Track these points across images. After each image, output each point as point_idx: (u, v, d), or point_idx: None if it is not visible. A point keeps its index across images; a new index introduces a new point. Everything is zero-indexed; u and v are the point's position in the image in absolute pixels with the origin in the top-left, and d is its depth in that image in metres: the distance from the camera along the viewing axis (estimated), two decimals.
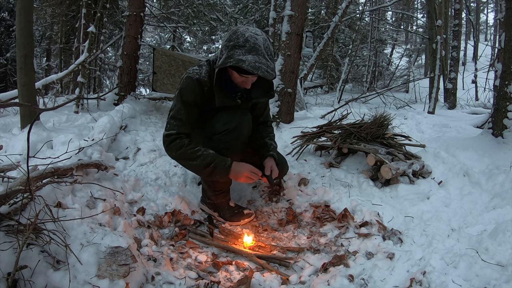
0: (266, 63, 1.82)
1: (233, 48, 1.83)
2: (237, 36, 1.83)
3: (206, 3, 8.91)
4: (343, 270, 1.69)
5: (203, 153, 1.95)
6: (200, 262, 1.81)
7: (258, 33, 1.87)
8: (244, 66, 1.79)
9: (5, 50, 10.64)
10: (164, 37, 13.75)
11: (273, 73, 1.87)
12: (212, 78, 1.99)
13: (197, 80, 1.98)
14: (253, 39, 1.82)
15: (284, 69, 3.94)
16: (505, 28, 3.04)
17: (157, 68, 4.94)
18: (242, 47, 1.81)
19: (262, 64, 1.80)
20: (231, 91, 2.05)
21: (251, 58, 1.79)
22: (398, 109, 7.35)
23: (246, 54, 1.80)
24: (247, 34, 1.82)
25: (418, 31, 17.52)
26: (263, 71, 1.80)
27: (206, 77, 1.99)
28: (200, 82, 1.98)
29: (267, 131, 2.34)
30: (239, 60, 1.80)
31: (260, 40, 1.83)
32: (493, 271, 1.49)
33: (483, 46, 13.76)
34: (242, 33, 1.84)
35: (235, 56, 1.81)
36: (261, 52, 1.82)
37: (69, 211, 1.64)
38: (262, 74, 1.81)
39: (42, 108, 4.15)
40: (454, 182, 2.42)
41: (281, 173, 2.32)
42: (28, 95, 3.31)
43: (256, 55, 1.80)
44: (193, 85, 1.98)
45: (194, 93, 1.99)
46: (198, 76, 1.99)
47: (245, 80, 1.94)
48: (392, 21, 18.39)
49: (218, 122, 2.04)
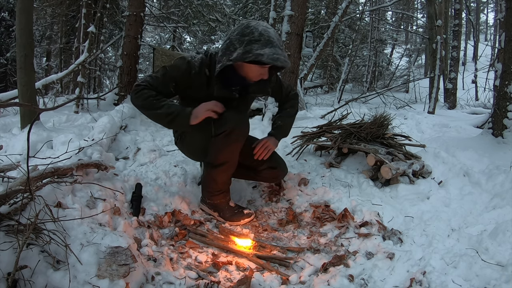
0: (282, 53, 1.90)
1: (249, 43, 1.87)
2: (251, 31, 1.88)
3: (205, 3, 8.91)
4: (343, 270, 1.69)
5: (168, 103, 1.99)
6: (200, 262, 1.81)
7: (269, 26, 1.96)
8: (264, 59, 1.85)
9: (5, 50, 10.64)
10: (164, 37, 13.76)
11: (289, 61, 1.96)
12: (203, 67, 2.02)
13: (187, 62, 2.01)
14: (267, 33, 1.89)
15: (284, 69, 3.94)
16: (505, 28, 3.04)
17: (157, 68, 4.94)
18: (258, 41, 1.87)
19: (280, 55, 1.88)
20: (231, 85, 2.09)
21: (268, 51, 1.86)
22: (398, 109, 7.35)
23: (263, 47, 1.86)
24: (260, 28, 1.89)
25: (418, 31, 17.52)
26: (281, 61, 1.88)
27: (197, 63, 2.02)
28: (190, 65, 2.01)
29: (283, 107, 2.48)
30: (258, 54, 1.86)
31: (272, 33, 1.91)
32: (493, 271, 1.49)
33: (483, 46, 13.77)
34: (255, 27, 1.90)
35: (253, 51, 1.86)
36: (276, 44, 1.89)
37: (69, 211, 1.64)
38: (281, 64, 1.89)
39: (42, 108, 4.15)
40: (454, 182, 2.42)
41: (279, 174, 2.40)
42: (28, 95, 3.32)
43: (272, 47, 1.87)
44: (182, 64, 2.02)
45: (180, 71, 2.02)
46: (191, 59, 2.03)
47: (264, 71, 2.01)
48: (392, 21, 18.39)
49: (216, 124, 2.04)
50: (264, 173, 2.36)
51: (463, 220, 2.03)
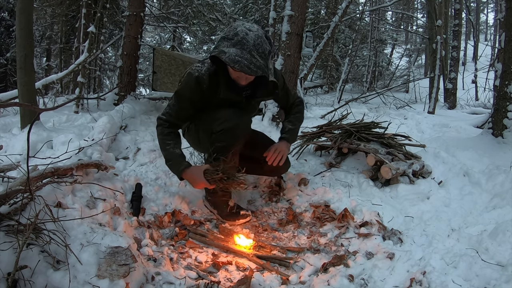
0: (250, 59, 1.77)
1: (222, 39, 1.84)
2: (230, 29, 1.85)
3: (206, 3, 8.91)
4: (343, 270, 1.69)
5: (169, 150, 2.07)
6: (200, 262, 1.81)
7: (253, 29, 1.83)
8: (223, 57, 1.77)
9: (5, 50, 10.64)
10: (164, 37, 13.75)
11: (258, 70, 1.81)
12: (212, 76, 1.99)
13: (196, 78, 1.98)
14: (243, 34, 1.79)
15: (284, 69, 3.94)
16: (505, 28, 3.04)
17: (157, 67, 4.95)
18: (230, 39, 1.81)
19: (244, 59, 1.76)
20: (238, 87, 2.03)
21: (233, 51, 1.76)
22: (398, 109, 7.35)
23: (230, 47, 1.79)
24: (239, 29, 1.82)
25: (418, 31, 17.52)
26: (242, 65, 1.76)
27: (205, 75, 1.99)
28: (199, 80, 1.98)
29: (291, 113, 2.45)
30: (221, 51, 1.79)
31: (251, 36, 1.80)
32: (493, 271, 1.49)
33: (483, 46, 13.76)
34: (235, 26, 1.84)
35: (220, 47, 1.81)
36: (247, 47, 1.78)
37: (69, 211, 1.64)
38: (240, 68, 1.76)
39: (42, 108, 4.15)
40: (454, 182, 2.42)
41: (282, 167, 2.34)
42: (28, 95, 3.32)
43: (240, 49, 1.77)
44: (191, 82, 2.00)
45: (191, 90, 2.01)
46: (198, 73, 1.99)
47: (239, 76, 1.93)
48: (392, 21, 18.38)
49: (216, 121, 2.03)
50: (266, 166, 2.33)
51: (463, 220, 2.03)
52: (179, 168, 2.04)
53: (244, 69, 1.77)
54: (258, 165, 2.36)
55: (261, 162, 2.32)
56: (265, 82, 2.03)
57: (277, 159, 2.22)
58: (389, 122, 3.01)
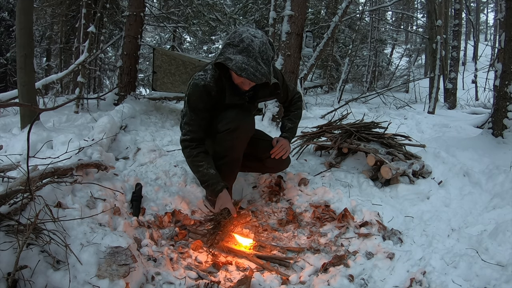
0: (256, 66, 1.79)
1: (227, 46, 1.84)
2: (235, 35, 1.83)
3: (206, 3, 8.91)
4: (343, 270, 1.69)
5: (203, 171, 2.06)
6: (200, 262, 1.81)
7: (257, 36, 1.83)
8: (230, 65, 1.78)
9: (5, 50, 10.62)
10: (164, 37, 13.76)
11: (263, 77, 1.82)
12: (218, 82, 2.00)
13: (203, 86, 1.99)
14: (249, 40, 1.79)
15: (284, 69, 3.94)
16: (505, 28, 3.04)
17: (157, 67, 4.94)
18: (236, 46, 1.80)
19: (250, 67, 1.77)
20: (239, 90, 2.05)
21: (239, 59, 1.77)
22: (398, 109, 7.35)
23: (237, 54, 1.79)
24: (244, 35, 1.81)
25: (418, 31, 17.52)
26: (248, 73, 1.77)
27: (212, 82, 2.00)
28: (207, 88, 1.99)
29: (290, 110, 2.48)
30: (227, 58, 1.79)
31: (256, 43, 1.80)
32: (493, 271, 1.49)
33: (483, 46, 13.75)
34: (240, 33, 1.83)
35: (225, 54, 1.81)
36: (252, 55, 1.79)
37: (69, 211, 1.64)
38: (247, 76, 1.78)
39: (42, 108, 4.15)
40: (454, 182, 2.42)
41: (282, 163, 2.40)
42: (28, 95, 3.32)
43: (246, 56, 1.78)
44: (200, 92, 2.00)
45: (202, 100, 2.02)
46: (204, 82, 1.99)
47: (243, 81, 1.94)
48: (392, 21, 18.38)
49: (221, 122, 2.06)
50: (268, 162, 2.35)
51: (463, 220, 2.03)
52: (216, 189, 2.05)
53: (250, 77, 1.79)
54: (259, 162, 2.37)
55: (262, 159, 2.34)
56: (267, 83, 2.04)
57: (281, 153, 2.28)
58: (389, 122, 3.01)
